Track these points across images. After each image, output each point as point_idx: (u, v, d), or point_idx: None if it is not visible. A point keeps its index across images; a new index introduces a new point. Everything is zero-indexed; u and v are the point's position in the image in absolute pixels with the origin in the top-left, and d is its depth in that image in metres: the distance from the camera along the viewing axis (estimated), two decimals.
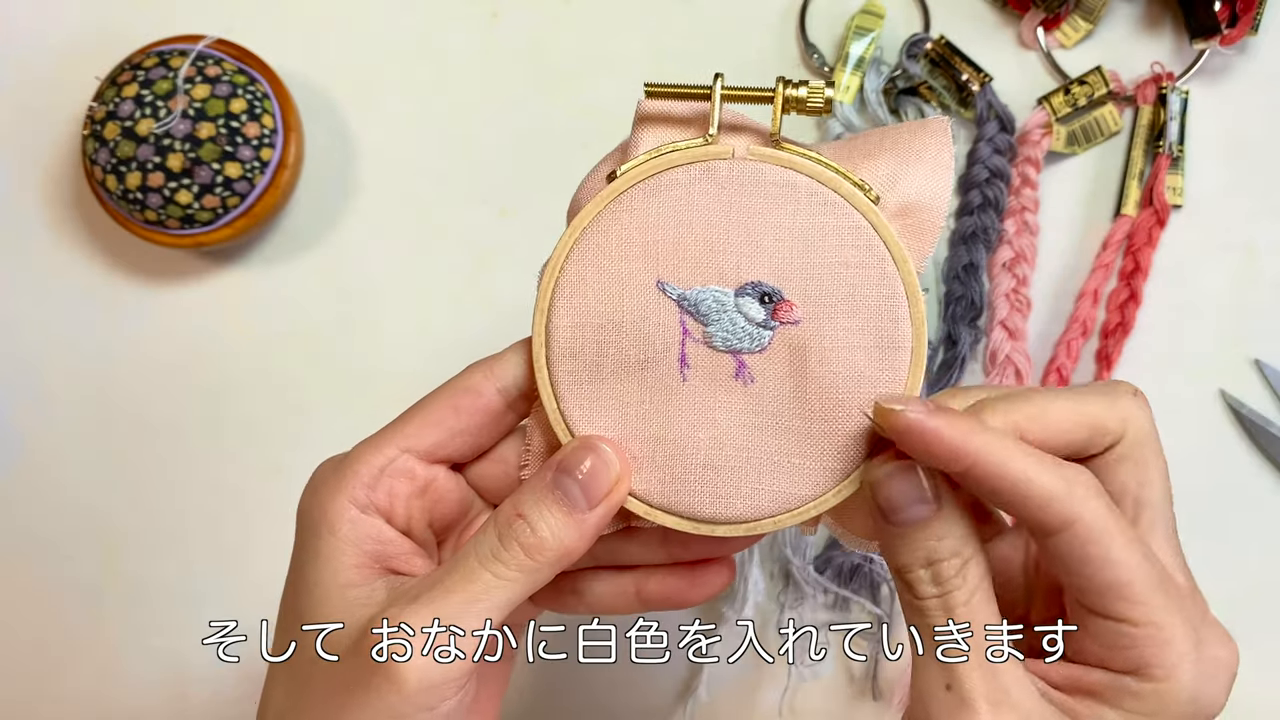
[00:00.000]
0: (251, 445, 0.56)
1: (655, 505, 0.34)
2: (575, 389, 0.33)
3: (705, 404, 0.33)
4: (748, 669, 0.54)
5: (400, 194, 0.57)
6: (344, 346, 0.56)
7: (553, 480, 0.32)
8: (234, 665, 0.55)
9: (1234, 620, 0.52)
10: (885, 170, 0.33)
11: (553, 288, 0.34)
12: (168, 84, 0.52)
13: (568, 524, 0.32)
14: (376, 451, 0.34)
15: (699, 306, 0.33)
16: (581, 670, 0.54)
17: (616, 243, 0.33)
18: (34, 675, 0.56)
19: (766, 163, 0.33)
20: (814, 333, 0.32)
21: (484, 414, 0.35)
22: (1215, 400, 0.53)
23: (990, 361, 0.52)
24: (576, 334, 0.33)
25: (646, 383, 0.33)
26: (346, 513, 0.33)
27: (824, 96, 0.33)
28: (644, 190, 0.33)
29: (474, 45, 0.57)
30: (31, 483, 0.56)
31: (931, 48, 0.55)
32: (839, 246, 0.32)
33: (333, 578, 0.33)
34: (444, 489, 0.35)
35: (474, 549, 0.32)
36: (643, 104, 0.34)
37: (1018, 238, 0.53)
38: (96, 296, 0.57)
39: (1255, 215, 0.54)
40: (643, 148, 0.34)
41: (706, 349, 0.33)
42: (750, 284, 0.33)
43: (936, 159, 0.33)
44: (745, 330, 0.33)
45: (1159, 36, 0.55)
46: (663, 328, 0.33)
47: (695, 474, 0.33)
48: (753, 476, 0.33)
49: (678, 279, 0.33)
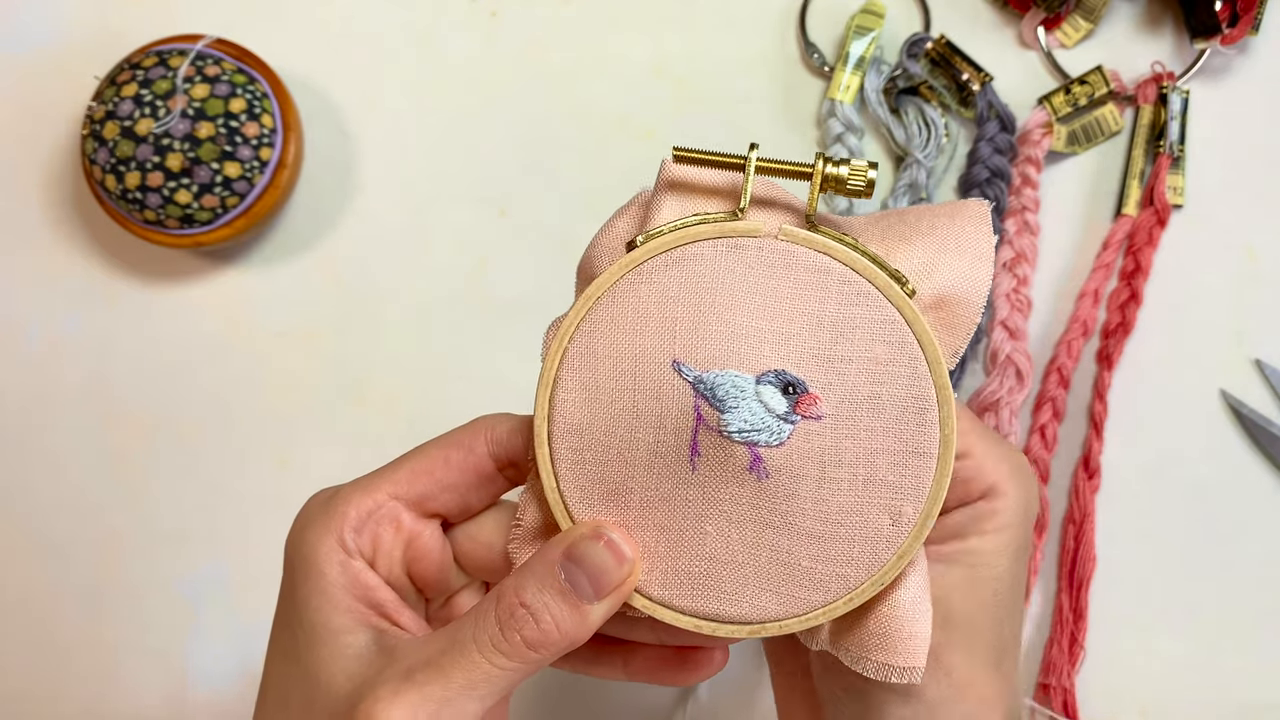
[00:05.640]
0: (251, 445, 0.56)
1: (655, 600, 0.32)
2: (577, 469, 0.31)
3: (715, 496, 0.31)
4: (748, 669, 0.54)
5: (400, 194, 0.57)
6: (344, 346, 0.56)
7: (560, 568, 0.31)
8: (233, 665, 0.55)
9: (1234, 620, 0.53)
10: (922, 258, 0.31)
11: (560, 359, 0.31)
12: (167, 84, 0.52)
13: (572, 616, 0.31)
14: (365, 495, 0.33)
15: (716, 391, 0.30)
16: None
17: (632, 316, 0.31)
18: (33, 675, 0.56)
19: (799, 245, 0.31)
20: (835, 431, 0.30)
21: (474, 473, 0.34)
22: (1215, 400, 0.53)
23: (990, 361, 0.52)
24: (583, 411, 0.31)
25: (654, 468, 0.31)
26: (335, 555, 0.33)
27: (866, 179, 0.31)
28: (664, 262, 0.31)
29: (473, 45, 0.57)
30: (31, 483, 0.56)
31: (932, 47, 0.55)
32: (870, 341, 0.30)
33: (325, 621, 0.32)
34: (428, 546, 0.35)
35: (473, 633, 0.31)
36: (669, 167, 0.32)
37: (1018, 237, 0.53)
38: (96, 296, 0.57)
39: (1255, 215, 0.54)
40: (665, 213, 0.32)
41: (720, 438, 0.30)
42: (773, 372, 0.30)
43: (976, 249, 0.32)
44: (764, 421, 0.30)
45: (1159, 36, 0.55)
46: (676, 411, 0.30)
47: (699, 568, 0.31)
48: (760, 577, 0.31)
49: (695, 360, 0.30)
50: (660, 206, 0.32)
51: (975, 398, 0.52)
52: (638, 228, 0.33)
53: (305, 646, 0.32)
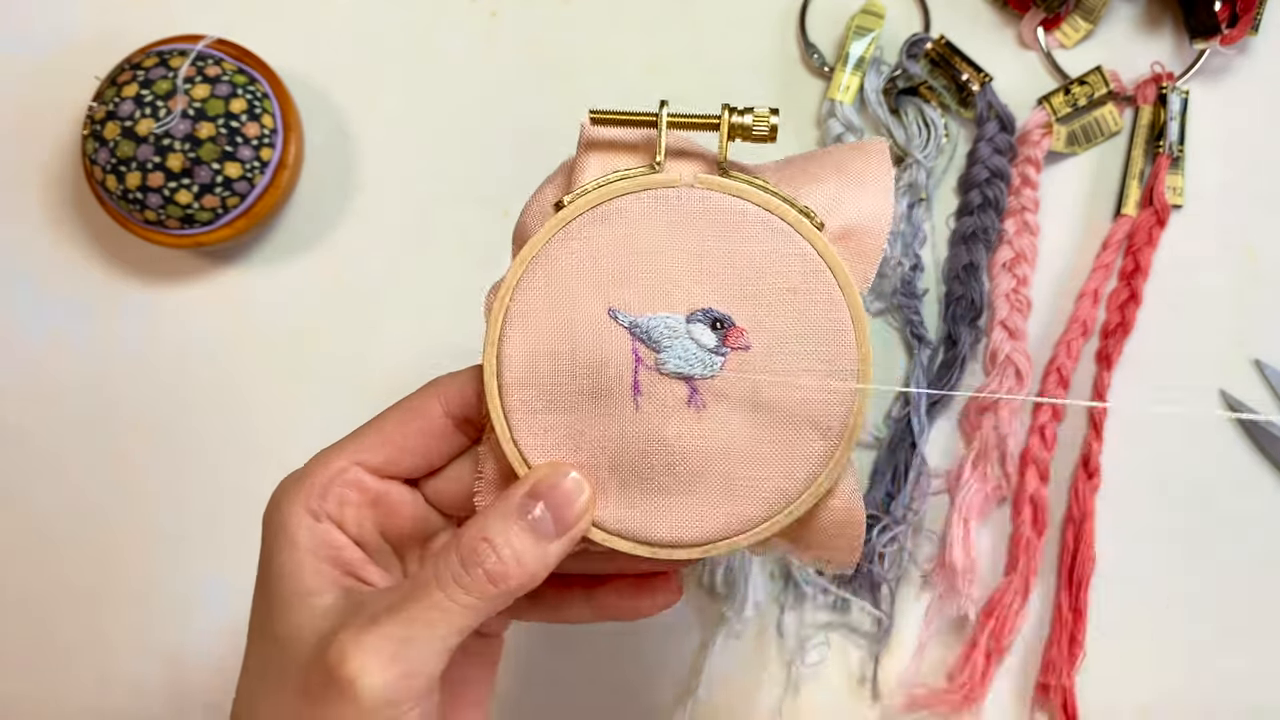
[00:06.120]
0: (251, 445, 0.56)
1: (611, 531, 0.34)
2: (529, 419, 0.33)
3: (659, 430, 0.33)
4: (748, 669, 0.54)
5: (400, 194, 0.57)
6: (344, 346, 0.56)
7: (520, 505, 0.32)
8: (233, 665, 0.55)
9: (1234, 620, 0.53)
10: (829, 194, 0.34)
11: (503, 318, 0.33)
12: (167, 84, 0.52)
13: (534, 550, 0.32)
14: (327, 463, 0.35)
15: (651, 333, 0.33)
16: (581, 671, 0.54)
17: (566, 272, 0.33)
18: (33, 675, 0.56)
19: (715, 190, 0.33)
20: (764, 358, 0.33)
21: (432, 435, 0.35)
22: (1215, 400, 0.53)
23: (990, 361, 0.52)
24: (528, 364, 0.33)
25: (600, 411, 0.33)
26: (303, 521, 0.34)
27: (769, 124, 0.33)
28: (592, 218, 0.33)
29: (473, 45, 0.57)
30: (31, 483, 0.56)
31: (931, 48, 0.55)
32: (787, 273, 0.33)
33: (294, 586, 0.33)
34: (398, 502, 0.36)
35: (434, 572, 0.32)
36: (587, 129, 0.34)
37: (1018, 238, 0.53)
38: (96, 296, 0.57)
39: (1255, 215, 0.54)
40: (588, 173, 0.34)
41: (659, 376, 0.33)
42: (701, 310, 0.33)
43: (878, 182, 0.34)
44: (697, 356, 0.33)
45: (1159, 36, 0.55)
46: (615, 355, 0.33)
47: (650, 500, 0.33)
48: (706, 500, 0.33)
49: (629, 307, 0.33)
50: (583, 167, 0.34)
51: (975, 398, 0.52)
52: (564, 191, 0.34)
53: (278, 616, 0.33)
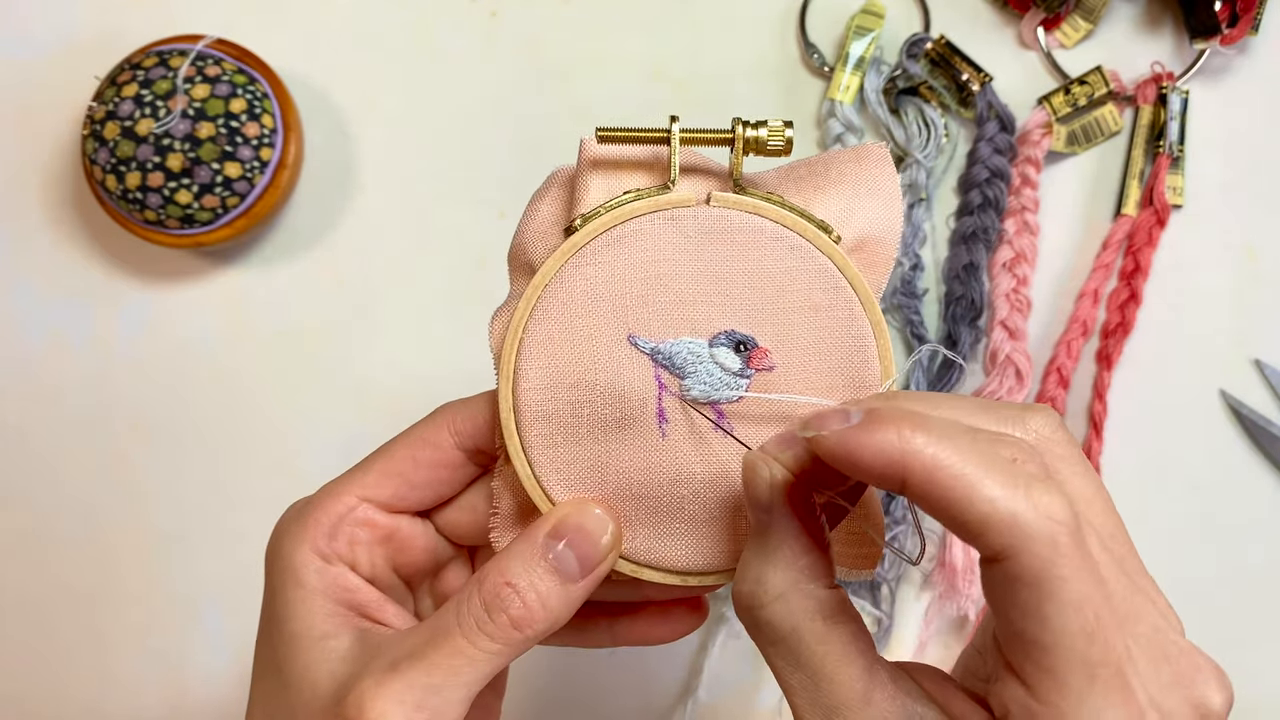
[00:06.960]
0: (251, 445, 0.56)
1: (641, 562, 0.33)
2: (550, 453, 0.32)
3: (686, 458, 0.32)
4: (748, 669, 0.54)
5: (400, 194, 0.57)
6: (344, 346, 0.56)
7: (543, 546, 0.31)
8: (233, 666, 0.55)
9: (1234, 620, 0.53)
10: (840, 205, 0.33)
11: (517, 349, 0.32)
12: (167, 84, 0.52)
13: (558, 592, 0.31)
14: (335, 499, 0.33)
15: (674, 359, 0.32)
16: (582, 670, 0.54)
17: (582, 298, 0.32)
18: (33, 676, 0.56)
19: (731, 208, 0.32)
20: (787, 378, 0.32)
21: (443, 466, 0.34)
22: (1215, 400, 0.53)
23: (990, 361, 0.52)
24: (547, 397, 0.32)
25: (624, 441, 0.32)
26: (311, 563, 0.32)
27: (784, 137, 0.32)
28: (605, 242, 0.32)
29: (473, 45, 0.57)
30: (31, 483, 0.56)
31: (931, 47, 0.55)
32: (808, 290, 0.32)
33: (307, 629, 0.32)
34: (408, 536, 0.34)
35: (456, 618, 0.31)
36: (590, 147, 0.33)
37: (1018, 238, 0.53)
38: (96, 296, 0.57)
39: (1255, 215, 0.54)
40: (593, 193, 0.33)
41: (684, 402, 0.32)
42: (724, 333, 0.32)
43: (887, 191, 0.33)
44: (722, 380, 0.32)
45: (1159, 36, 0.55)
46: (638, 384, 0.32)
47: (679, 528, 0.32)
48: (737, 524, 0.32)
49: (649, 332, 0.32)
50: (587, 186, 0.33)
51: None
52: (562, 208, 0.33)
53: (287, 657, 0.32)
